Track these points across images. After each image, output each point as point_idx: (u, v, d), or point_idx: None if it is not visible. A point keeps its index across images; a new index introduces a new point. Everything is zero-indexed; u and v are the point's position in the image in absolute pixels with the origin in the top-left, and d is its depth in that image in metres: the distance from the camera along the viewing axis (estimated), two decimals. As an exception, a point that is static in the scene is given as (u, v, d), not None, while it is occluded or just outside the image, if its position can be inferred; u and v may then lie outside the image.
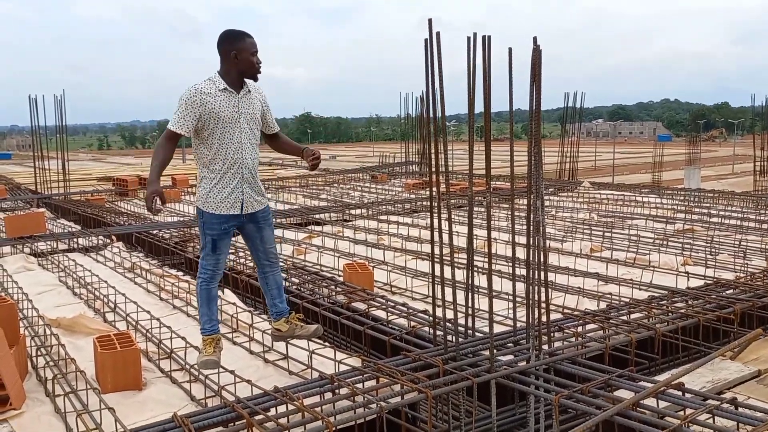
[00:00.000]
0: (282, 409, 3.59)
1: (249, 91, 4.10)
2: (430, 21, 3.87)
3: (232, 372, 4.22)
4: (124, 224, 11.34)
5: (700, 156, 41.35)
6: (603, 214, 11.77)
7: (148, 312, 5.75)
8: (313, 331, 4.42)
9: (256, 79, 4.10)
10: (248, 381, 4.03)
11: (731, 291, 6.06)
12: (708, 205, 12.45)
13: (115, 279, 7.45)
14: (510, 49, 4.06)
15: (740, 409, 3.51)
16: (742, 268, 7.14)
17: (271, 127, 4.32)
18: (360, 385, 3.95)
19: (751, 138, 32.11)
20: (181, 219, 11.95)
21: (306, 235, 10.21)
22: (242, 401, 3.60)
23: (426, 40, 3.91)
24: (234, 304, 5.97)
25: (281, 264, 7.55)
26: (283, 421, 3.45)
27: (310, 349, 4.53)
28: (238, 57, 3.94)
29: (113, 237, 9.95)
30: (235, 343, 5.13)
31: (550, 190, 15.49)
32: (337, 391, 3.87)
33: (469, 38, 4.16)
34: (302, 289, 6.48)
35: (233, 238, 4.46)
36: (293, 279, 6.88)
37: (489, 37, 4.13)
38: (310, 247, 8.91)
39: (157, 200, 3.76)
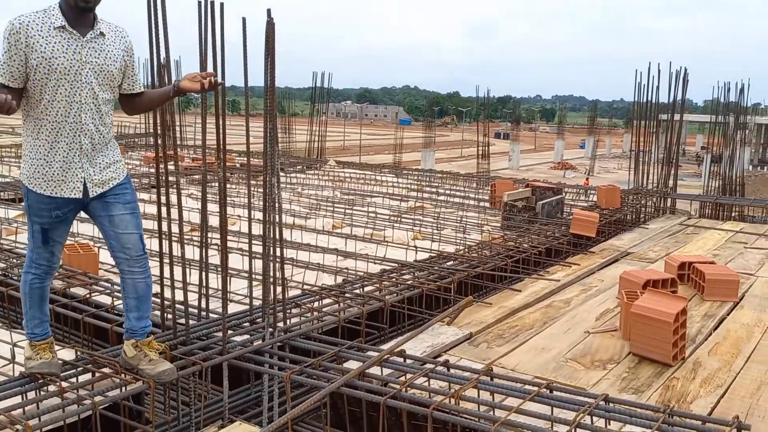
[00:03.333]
0: (-32, 417, 3.06)
1: (102, 33, 3.19)
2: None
3: None
4: None
5: (435, 140, 45.54)
6: (346, 191, 12.30)
7: None
8: (161, 372, 3.51)
9: (87, 9, 3.12)
10: None
11: (451, 262, 6.74)
12: (437, 184, 13.73)
13: None
14: (243, 19, 3.92)
15: (451, 371, 3.89)
16: (462, 242, 7.99)
17: (133, 86, 3.42)
18: (74, 380, 3.56)
19: (476, 125, 36.03)
20: None
21: (19, 212, 8.96)
22: None
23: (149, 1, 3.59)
24: None
25: None
26: (-31, 432, 2.94)
27: (12, 341, 3.95)
28: None
29: None
30: None
31: (299, 167, 15.74)
32: (45, 388, 3.43)
33: (200, 3, 3.92)
34: (9, 274, 5.65)
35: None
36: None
37: (222, 4, 3.94)
38: (22, 227, 7.82)
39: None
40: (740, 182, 15.46)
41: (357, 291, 5.55)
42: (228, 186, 11.47)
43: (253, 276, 4.73)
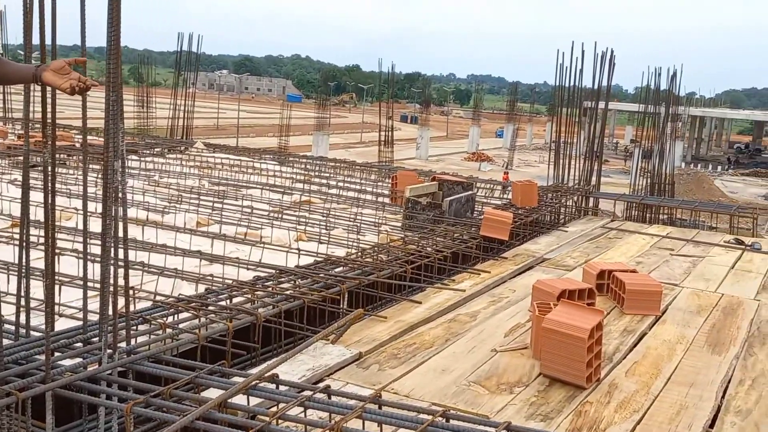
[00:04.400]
0: None
1: None
2: None
3: None
4: None
5: (330, 121, 45.67)
6: (216, 181, 12.09)
7: None
8: None
9: None
10: None
11: (341, 268, 6.77)
12: (329, 174, 13.77)
13: None
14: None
15: (333, 398, 3.90)
16: (355, 244, 8.05)
17: None
18: None
19: (379, 106, 36.30)
20: None
21: None
22: None
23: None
24: None
25: None
26: None
27: None
28: None
29: None
30: None
31: (157, 150, 15.30)
32: None
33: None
34: None
35: None
36: None
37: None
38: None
39: None
40: (670, 181, 16.61)
41: (223, 303, 5.46)
42: (65, 171, 10.97)
43: (90, 284, 4.54)
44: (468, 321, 6.00)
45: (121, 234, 4.11)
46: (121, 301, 4.27)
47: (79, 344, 4.35)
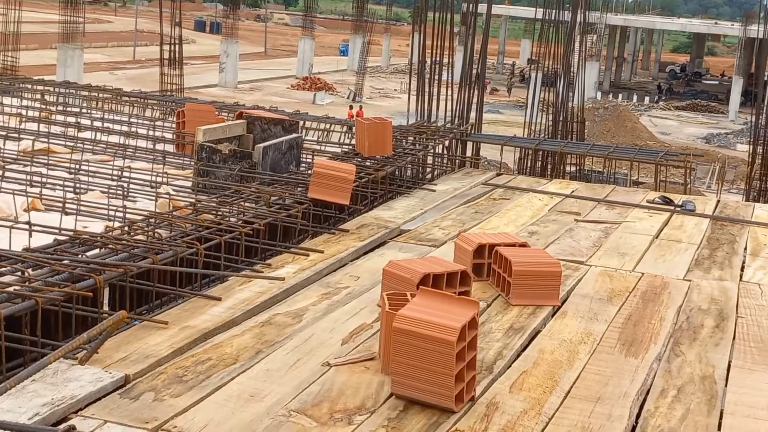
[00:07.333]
0: None
1: None
2: None
3: None
4: None
5: (85, 28, 44.10)
6: None
7: None
8: None
9: None
10: None
11: (98, 251, 6.63)
12: (80, 110, 13.40)
13: None
14: None
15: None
16: (120, 214, 7.89)
17: None
18: None
19: (159, 6, 35.39)
20: None
21: None
22: None
23: None
24: None
25: None
26: None
27: None
28: None
29: None
30: None
31: None
32: None
33: None
34: None
35: None
36: None
37: None
38: None
39: None
40: (580, 118, 17.36)
41: None
42: None
43: None
44: (290, 323, 6.05)
45: None
46: None
47: None
